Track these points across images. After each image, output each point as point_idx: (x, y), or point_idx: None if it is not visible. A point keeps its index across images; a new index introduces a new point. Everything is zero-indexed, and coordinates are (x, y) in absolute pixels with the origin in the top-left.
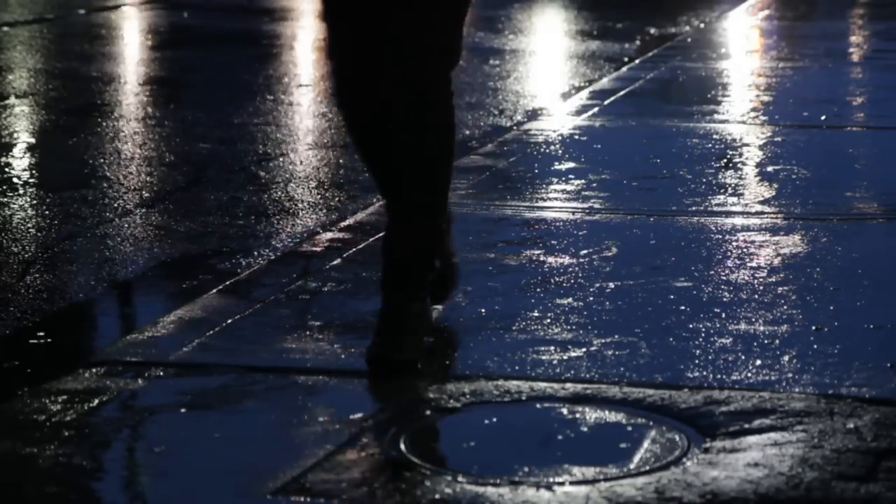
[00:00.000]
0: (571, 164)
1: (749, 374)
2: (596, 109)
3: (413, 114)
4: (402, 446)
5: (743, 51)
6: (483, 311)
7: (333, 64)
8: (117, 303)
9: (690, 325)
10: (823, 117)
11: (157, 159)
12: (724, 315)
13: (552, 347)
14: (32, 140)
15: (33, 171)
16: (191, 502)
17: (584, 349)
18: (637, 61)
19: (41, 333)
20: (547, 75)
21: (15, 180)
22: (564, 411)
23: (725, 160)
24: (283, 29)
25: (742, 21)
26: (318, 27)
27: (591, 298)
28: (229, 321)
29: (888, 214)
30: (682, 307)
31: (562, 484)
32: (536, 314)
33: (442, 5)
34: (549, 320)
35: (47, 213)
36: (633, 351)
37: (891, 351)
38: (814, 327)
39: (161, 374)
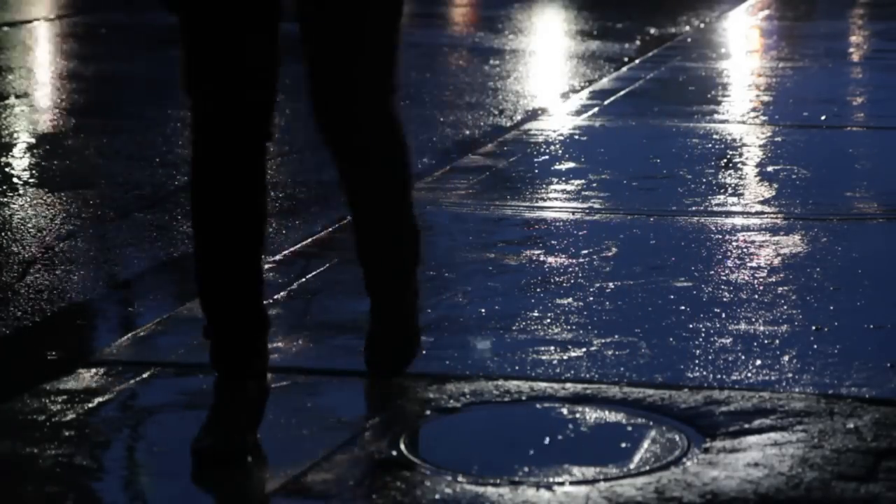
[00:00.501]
0: (571, 164)
1: (749, 374)
2: (596, 109)
3: (378, 144)
4: (402, 446)
5: (743, 51)
6: (483, 311)
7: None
8: (117, 303)
9: (690, 325)
10: (823, 117)
11: (156, 159)
12: (724, 315)
13: (552, 347)
14: (32, 140)
15: (33, 171)
16: (191, 502)
17: (584, 349)
18: (637, 61)
19: (41, 333)
20: (547, 75)
21: (15, 180)
22: (564, 411)
23: (725, 160)
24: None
25: (742, 21)
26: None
27: (591, 298)
28: None
29: (888, 214)
30: (682, 307)
31: (562, 484)
32: (536, 314)
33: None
34: (549, 320)
35: (47, 213)
36: (633, 351)
37: (891, 351)
38: (814, 327)
39: (161, 374)
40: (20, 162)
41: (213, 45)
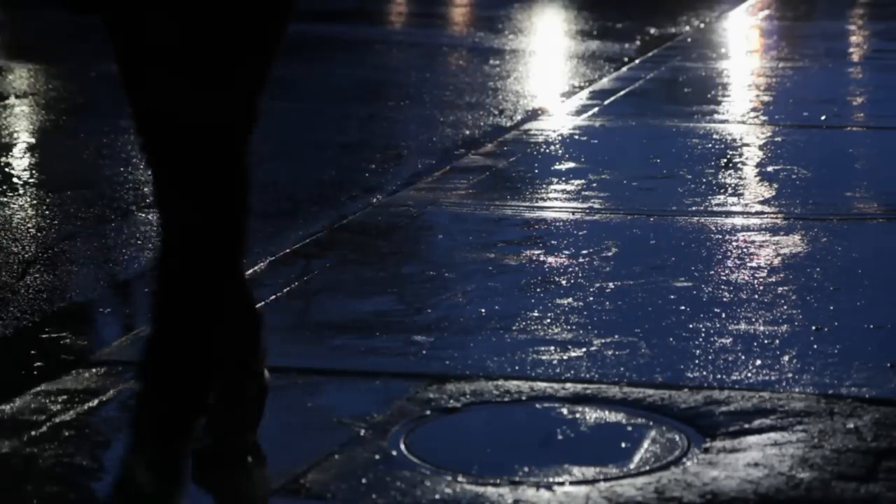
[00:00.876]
0: (571, 164)
1: (749, 374)
2: (596, 109)
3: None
4: (402, 446)
5: (743, 51)
6: (483, 311)
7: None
8: (117, 303)
9: (690, 325)
10: (823, 117)
11: None
12: (724, 315)
13: (552, 347)
14: (32, 140)
15: (33, 171)
16: (191, 502)
17: (584, 349)
18: (637, 61)
19: (41, 333)
20: (547, 75)
21: (15, 180)
22: (564, 411)
23: (725, 160)
24: None
25: (742, 21)
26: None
27: (591, 298)
28: None
29: (888, 214)
30: (682, 307)
31: (562, 484)
32: (536, 314)
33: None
34: (549, 320)
35: (47, 213)
36: (633, 351)
37: (891, 351)
38: (814, 327)
39: None
40: (20, 162)
41: (143, 40)
